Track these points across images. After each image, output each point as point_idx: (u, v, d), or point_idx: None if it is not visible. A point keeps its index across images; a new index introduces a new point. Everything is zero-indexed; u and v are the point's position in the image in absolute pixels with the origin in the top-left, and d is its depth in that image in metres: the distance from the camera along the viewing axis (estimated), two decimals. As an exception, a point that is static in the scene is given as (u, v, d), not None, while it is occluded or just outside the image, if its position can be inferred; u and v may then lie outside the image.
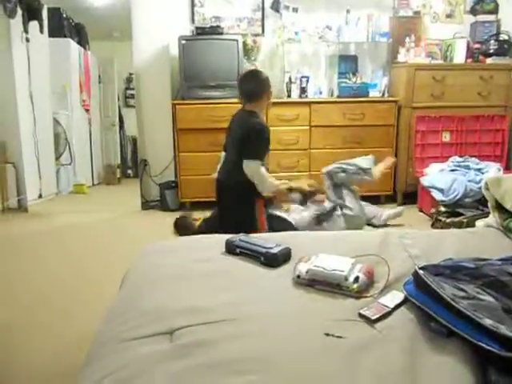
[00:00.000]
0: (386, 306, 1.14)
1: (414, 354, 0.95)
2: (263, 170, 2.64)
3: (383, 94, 4.25)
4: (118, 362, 0.92)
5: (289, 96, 4.24)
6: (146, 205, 4.39)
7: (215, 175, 2.88)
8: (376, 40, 4.30)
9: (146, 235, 3.38)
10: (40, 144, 4.64)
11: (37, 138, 4.59)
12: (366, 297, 1.22)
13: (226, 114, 3.93)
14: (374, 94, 4.25)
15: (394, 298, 1.19)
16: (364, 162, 3.13)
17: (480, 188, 3.54)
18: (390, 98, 4.19)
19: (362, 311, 1.12)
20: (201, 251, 1.54)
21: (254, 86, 2.73)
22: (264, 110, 2.94)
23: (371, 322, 1.08)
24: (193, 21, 4.30)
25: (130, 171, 7.04)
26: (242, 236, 1.56)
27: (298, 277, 1.30)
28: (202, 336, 0.99)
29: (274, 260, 1.42)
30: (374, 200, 4.26)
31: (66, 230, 3.78)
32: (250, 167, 2.60)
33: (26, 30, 4.35)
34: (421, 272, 1.12)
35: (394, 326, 1.06)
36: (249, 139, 2.61)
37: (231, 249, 1.51)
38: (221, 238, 1.59)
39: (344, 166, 3.03)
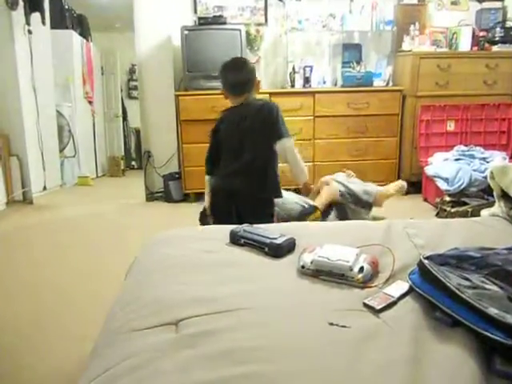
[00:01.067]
0: (391, 296, 1.14)
1: (418, 343, 0.95)
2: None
3: (387, 83, 4.22)
4: (123, 353, 0.93)
5: (292, 86, 4.22)
6: (151, 196, 4.40)
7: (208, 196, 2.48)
8: (380, 28, 4.26)
9: (151, 226, 3.39)
10: (44, 136, 4.65)
11: (40, 131, 4.60)
12: (371, 287, 1.22)
13: (230, 104, 3.92)
14: (378, 83, 4.22)
15: (398, 287, 1.18)
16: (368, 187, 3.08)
17: (485, 177, 3.52)
18: (395, 87, 4.17)
19: (366, 301, 1.12)
20: (205, 242, 1.54)
21: (245, 74, 2.38)
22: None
23: (376, 311, 1.08)
24: (195, 11, 4.28)
25: (133, 163, 7.06)
26: (246, 226, 1.56)
27: (303, 267, 1.30)
28: (207, 326, 0.99)
29: (279, 250, 1.42)
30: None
31: (71, 222, 3.80)
32: (288, 146, 2.38)
33: (27, 22, 4.34)
34: (426, 261, 1.11)
35: (399, 315, 1.06)
36: (276, 118, 2.35)
37: (235, 239, 1.51)
38: (225, 229, 1.59)
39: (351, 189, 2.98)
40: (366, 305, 1.11)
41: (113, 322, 1.11)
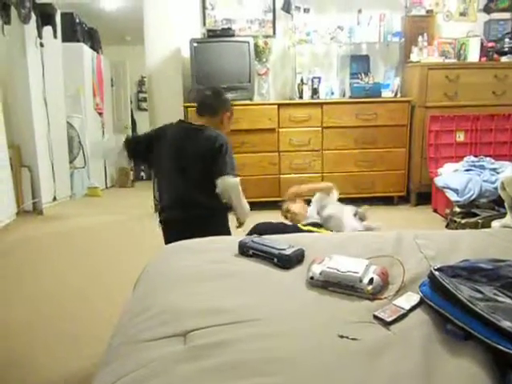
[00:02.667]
0: (402, 308, 1.13)
1: (430, 356, 0.94)
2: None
3: (396, 94, 4.23)
4: (132, 364, 0.93)
5: (300, 97, 4.23)
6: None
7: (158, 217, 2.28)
8: (388, 40, 4.27)
9: (159, 237, 3.39)
10: (54, 147, 4.70)
11: (51, 142, 4.65)
12: (381, 298, 1.20)
13: (238, 115, 3.95)
14: (386, 94, 4.23)
15: (409, 299, 1.17)
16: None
17: (495, 188, 3.49)
18: (403, 98, 4.17)
19: (376, 313, 1.11)
20: (214, 253, 1.53)
21: (213, 99, 2.31)
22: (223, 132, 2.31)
23: (386, 324, 1.07)
24: (204, 23, 4.32)
25: (142, 174, 7.09)
26: (254, 237, 1.55)
27: (312, 278, 1.29)
28: (215, 338, 0.99)
29: (287, 261, 1.41)
30: (387, 201, 4.24)
31: (80, 233, 3.82)
32: (229, 184, 2.09)
33: (40, 36, 4.41)
34: (437, 273, 1.10)
35: (410, 328, 1.05)
36: (223, 153, 2.14)
37: (244, 250, 1.51)
38: (233, 240, 1.58)
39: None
40: (376, 317, 1.10)
41: (121, 332, 1.10)
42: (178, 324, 1.06)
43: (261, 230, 2.19)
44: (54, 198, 4.74)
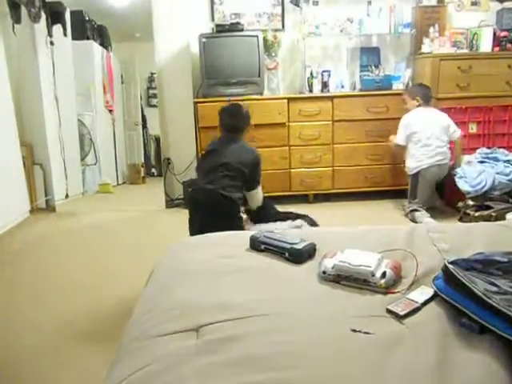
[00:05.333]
0: (415, 302, 1.12)
1: (444, 350, 0.93)
2: None
3: (407, 86, 4.17)
4: (146, 358, 0.93)
5: (310, 91, 4.20)
6: (171, 203, 4.43)
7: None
8: (399, 31, 4.22)
9: (171, 232, 3.41)
10: (66, 145, 4.73)
11: (63, 140, 4.68)
12: (394, 292, 1.20)
13: (249, 110, 3.93)
14: (397, 86, 4.18)
15: (422, 293, 1.16)
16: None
17: (510, 180, 3.44)
18: (415, 90, 4.10)
19: (389, 307, 1.10)
20: (225, 247, 1.54)
21: (235, 121, 2.71)
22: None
23: (400, 317, 1.06)
24: (213, 18, 4.31)
25: (153, 170, 7.12)
26: (266, 232, 1.55)
27: (324, 273, 1.28)
28: (227, 332, 0.99)
29: (299, 256, 1.41)
30: (397, 194, 4.20)
31: (93, 229, 3.85)
32: (258, 195, 2.66)
33: (50, 34, 4.44)
34: (451, 266, 1.09)
35: (424, 321, 1.04)
36: (257, 168, 2.64)
37: (256, 245, 1.51)
38: (245, 235, 1.59)
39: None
40: (389, 311, 1.09)
41: (134, 328, 1.11)
42: (191, 319, 1.06)
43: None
44: (67, 195, 4.78)
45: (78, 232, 3.78)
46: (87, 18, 5.61)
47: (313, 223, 2.60)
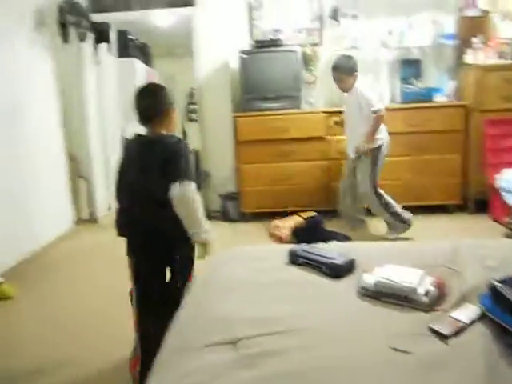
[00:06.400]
0: (460, 321, 1.07)
1: (491, 373, 0.88)
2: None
3: (449, 99, 4.07)
4: (184, 370, 0.94)
5: (349, 104, 4.17)
6: (208, 215, 4.47)
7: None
8: (441, 42, 4.14)
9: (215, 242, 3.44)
10: (109, 159, 4.89)
11: (106, 154, 4.84)
12: (437, 310, 1.15)
13: (287, 124, 3.95)
14: (439, 98, 4.08)
15: (467, 312, 1.11)
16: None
17: (561, 195, 3.28)
18: (457, 103, 4.00)
19: (432, 325, 1.06)
20: (264, 261, 1.53)
21: (158, 101, 2.00)
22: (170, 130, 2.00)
23: (443, 337, 1.02)
24: (252, 35, 4.37)
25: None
26: (304, 246, 1.54)
27: (363, 288, 1.25)
28: (265, 347, 0.98)
29: (338, 271, 1.39)
30: (442, 210, 4.08)
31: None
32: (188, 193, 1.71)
33: (96, 53, 4.62)
34: (499, 285, 1.04)
35: (469, 342, 1.00)
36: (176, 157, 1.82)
37: (294, 259, 1.50)
38: (283, 248, 1.58)
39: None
40: (432, 329, 1.05)
41: (173, 339, 1.12)
42: (229, 332, 1.06)
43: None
44: (109, 208, 4.91)
45: (118, 243, 3.86)
46: (131, 37, 5.81)
47: (346, 239, 2.54)
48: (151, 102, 2.02)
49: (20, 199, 3.50)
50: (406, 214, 3.38)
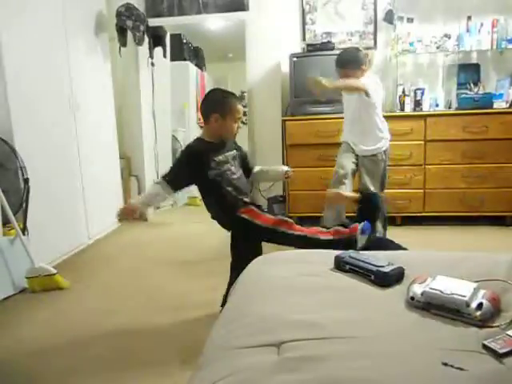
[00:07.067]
0: (516, 339, 1.01)
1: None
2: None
3: (511, 105, 3.88)
4: (226, 369, 0.94)
5: (402, 109, 4.07)
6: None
7: None
8: (502, 46, 3.96)
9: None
10: (160, 158, 5.02)
11: (157, 153, 4.97)
12: (492, 326, 1.09)
13: (336, 128, 3.90)
14: (499, 104, 3.90)
15: (526, 330, 1.05)
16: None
17: None
18: (518, 109, 3.81)
19: (486, 342, 1.01)
20: (310, 265, 1.51)
21: (203, 106, 2.31)
22: (224, 132, 2.26)
23: (498, 355, 0.97)
24: (304, 38, 4.36)
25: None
26: (351, 252, 1.51)
27: (412, 299, 1.21)
28: (309, 352, 0.97)
29: (386, 279, 1.35)
30: (498, 221, 3.88)
31: (181, 238, 4.04)
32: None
33: (151, 56, 4.77)
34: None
35: (527, 362, 0.94)
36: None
37: (340, 265, 1.47)
38: (329, 254, 1.55)
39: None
40: (485, 346, 1.00)
41: (217, 337, 1.13)
42: (273, 334, 1.05)
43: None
44: (158, 206, 5.04)
45: (167, 240, 3.99)
46: (185, 41, 5.96)
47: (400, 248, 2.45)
48: (201, 107, 2.34)
49: (77, 197, 3.66)
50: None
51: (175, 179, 2.19)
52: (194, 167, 2.18)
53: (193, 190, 5.87)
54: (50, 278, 2.81)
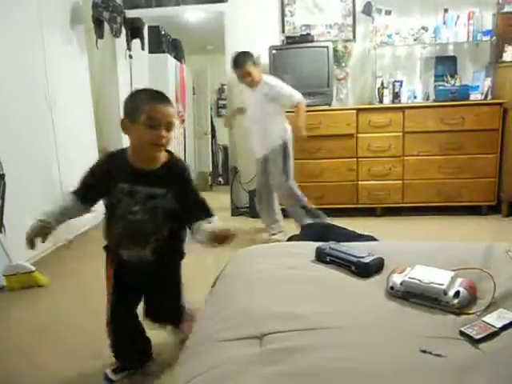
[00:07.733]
0: (492, 326, 1.04)
1: (525, 380, 0.86)
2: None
3: (486, 97, 3.95)
4: (209, 362, 0.95)
5: (380, 101, 4.11)
6: (236, 211, 4.50)
7: None
8: (478, 39, 4.02)
9: (236, 240, 3.46)
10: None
11: (137, 147, 4.92)
12: (468, 314, 1.13)
13: (317, 121, 3.92)
14: (475, 96, 3.97)
15: (500, 317, 1.08)
16: None
17: None
18: (494, 101, 3.89)
19: (463, 329, 1.04)
20: (291, 258, 1.53)
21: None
22: (139, 142, 1.69)
23: (474, 341, 1.00)
24: (283, 30, 4.35)
25: (220, 178, 7.28)
26: (332, 244, 1.53)
27: (392, 288, 1.23)
28: (291, 343, 0.98)
29: (366, 270, 1.37)
30: (475, 211, 3.97)
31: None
32: None
33: (129, 48, 4.70)
34: (533, 290, 1.01)
35: (502, 348, 0.97)
36: None
37: (321, 257, 1.49)
38: (310, 246, 1.57)
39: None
40: (462, 333, 1.03)
41: (201, 331, 1.13)
42: (255, 326, 1.06)
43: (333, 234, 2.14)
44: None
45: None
46: (163, 33, 5.88)
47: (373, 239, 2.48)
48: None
49: (55, 192, 3.60)
50: (318, 212, 3.30)
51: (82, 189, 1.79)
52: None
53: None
54: (29, 275, 2.76)
